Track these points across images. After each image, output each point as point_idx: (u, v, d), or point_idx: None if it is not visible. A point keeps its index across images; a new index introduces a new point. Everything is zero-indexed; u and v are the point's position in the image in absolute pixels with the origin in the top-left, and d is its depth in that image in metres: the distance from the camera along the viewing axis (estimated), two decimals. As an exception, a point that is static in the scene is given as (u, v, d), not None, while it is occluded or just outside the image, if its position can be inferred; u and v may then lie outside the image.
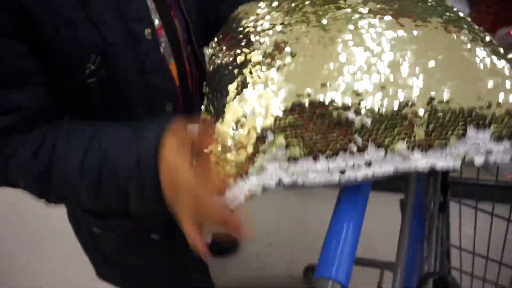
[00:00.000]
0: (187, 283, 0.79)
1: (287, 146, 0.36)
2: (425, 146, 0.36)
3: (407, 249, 0.39)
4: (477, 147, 0.37)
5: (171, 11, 0.55)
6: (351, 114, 0.36)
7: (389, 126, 0.36)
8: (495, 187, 0.61)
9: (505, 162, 0.37)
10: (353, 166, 0.36)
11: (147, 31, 0.49)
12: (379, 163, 0.37)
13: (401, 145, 0.36)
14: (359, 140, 0.36)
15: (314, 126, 0.36)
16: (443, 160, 0.37)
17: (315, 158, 0.36)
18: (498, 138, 0.36)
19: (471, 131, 0.36)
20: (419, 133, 0.36)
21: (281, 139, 0.36)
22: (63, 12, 0.42)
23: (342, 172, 0.37)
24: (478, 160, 0.37)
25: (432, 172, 0.51)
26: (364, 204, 0.38)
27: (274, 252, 1.41)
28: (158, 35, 0.52)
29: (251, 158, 0.36)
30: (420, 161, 0.37)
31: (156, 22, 0.52)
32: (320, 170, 0.36)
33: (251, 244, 1.43)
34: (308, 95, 0.36)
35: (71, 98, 0.48)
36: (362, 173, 0.37)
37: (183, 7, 0.57)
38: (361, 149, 0.36)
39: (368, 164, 0.36)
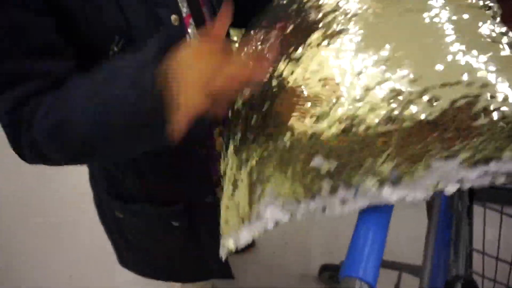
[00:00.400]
0: (207, 272, 0.80)
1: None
2: (394, 181, 0.36)
3: (433, 251, 0.39)
4: (448, 176, 0.35)
5: None
6: (317, 159, 0.37)
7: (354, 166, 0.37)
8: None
9: (485, 186, 0.35)
10: (328, 206, 0.39)
11: (174, 17, 0.49)
12: (352, 201, 0.38)
13: (370, 182, 0.36)
14: (330, 183, 0.38)
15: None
16: (413, 192, 0.35)
17: (298, 202, 0.40)
18: (471, 164, 0.34)
19: (437, 162, 0.34)
20: (386, 168, 0.35)
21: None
22: None
23: (323, 210, 0.39)
24: (451, 189, 0.35)
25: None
26: (391, 205, 0.38)
27: (290, 251, 1.42)
28: (186, 23, 0.52)
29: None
30: (391, 196, 0.36)
31: (184, 10, 0.52)
32: (304, 210, 0.41)
33: (267, 243, 1.43)
34: None
35: None
36: (338, 210, 0.38)
37: None
38: (332, 191, 0.38)
39: (343, 202, 0.38)
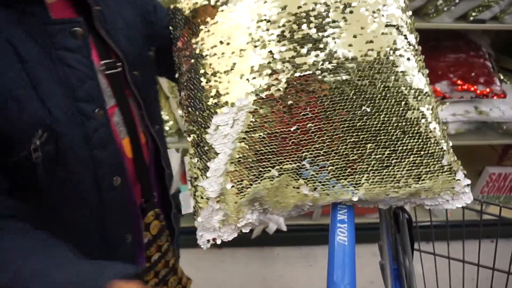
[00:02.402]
0: None
1: None
2: None
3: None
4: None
5: (125, 90, 0.56)
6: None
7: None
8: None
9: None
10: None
11: (98, 111, 0.49)
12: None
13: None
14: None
15: None
16: None
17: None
18: None
19: None
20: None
21: None
22: (13, 92, 0.42)
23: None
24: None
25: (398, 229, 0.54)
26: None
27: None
28: (109, 115, 0.52)
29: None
30: None
31: (112, 102, 0.53)
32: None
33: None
34: None
35: (14, 173, 0.46)
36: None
37: (133, 87, 0.57)
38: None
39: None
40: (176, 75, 0.55)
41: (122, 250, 0.60)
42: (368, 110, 0.43)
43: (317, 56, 0.43)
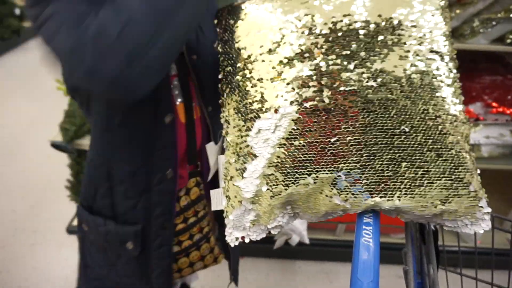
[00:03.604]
0: None
1: None
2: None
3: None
4: None
5: (186, 68, 0.69)
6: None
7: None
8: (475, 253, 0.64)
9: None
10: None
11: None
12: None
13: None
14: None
15: None
16: None
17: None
18: None
19: None
20: None
21: None
22: None
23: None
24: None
25: (423, 240, 0.55)
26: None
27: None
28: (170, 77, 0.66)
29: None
30: None
31: (174, 71, 0.67)
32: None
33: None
34: None
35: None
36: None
37: (190, 66, 0.69)
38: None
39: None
40: (220, 76, 0.57)
41: (163, 184, 0.70)
42: (407, 130, 0.44)
43: (363, 73, 0.45)
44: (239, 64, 0.51)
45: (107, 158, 0.69)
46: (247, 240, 0.50)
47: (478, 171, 0.49)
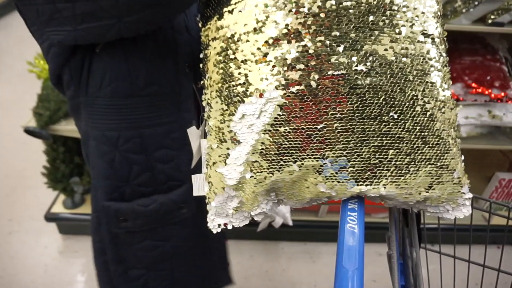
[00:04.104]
0: (214, 281, 0.86)
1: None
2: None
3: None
4: None
5: None
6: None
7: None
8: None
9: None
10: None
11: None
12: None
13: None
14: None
15: None
16: None
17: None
18: None
19: None
20: None
21: None
22: None
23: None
24: None
25: (406, 223, 0.55)
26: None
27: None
28: None
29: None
30: None
31: None
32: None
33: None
34: None
35: None
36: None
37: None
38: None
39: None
40: (201, 55, 0.54)
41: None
42: (395, 116, 0.43)
43: (352, 56, 0.43)
44: (221, 44, 0.49)
45: (135, 127, 0.66)
46: (229, 227, 0.49)
47: (462, 157, 0.49)
